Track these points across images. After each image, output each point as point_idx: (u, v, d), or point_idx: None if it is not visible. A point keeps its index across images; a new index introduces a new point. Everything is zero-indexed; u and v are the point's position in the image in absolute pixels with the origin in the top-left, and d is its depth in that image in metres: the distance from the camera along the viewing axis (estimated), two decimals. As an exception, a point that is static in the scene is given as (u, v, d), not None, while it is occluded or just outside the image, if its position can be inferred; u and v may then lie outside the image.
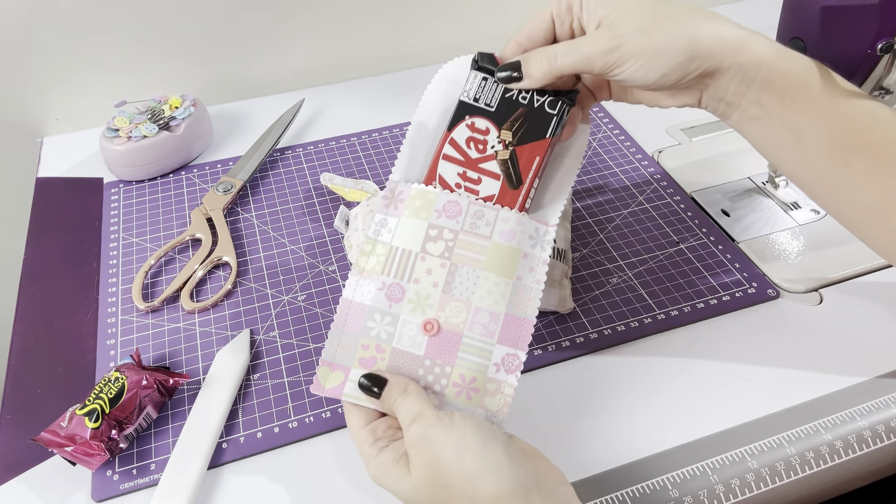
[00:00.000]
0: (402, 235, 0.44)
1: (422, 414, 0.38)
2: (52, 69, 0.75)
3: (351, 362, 0.42)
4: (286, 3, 0.79)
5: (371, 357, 0.42)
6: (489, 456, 0.36)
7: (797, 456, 0.46)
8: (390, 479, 0.38)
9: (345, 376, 0.42)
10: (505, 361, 0.42)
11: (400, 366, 0.42)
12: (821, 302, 0.56)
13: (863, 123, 0.40)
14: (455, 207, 0.44)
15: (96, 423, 0.45)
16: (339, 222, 0.61)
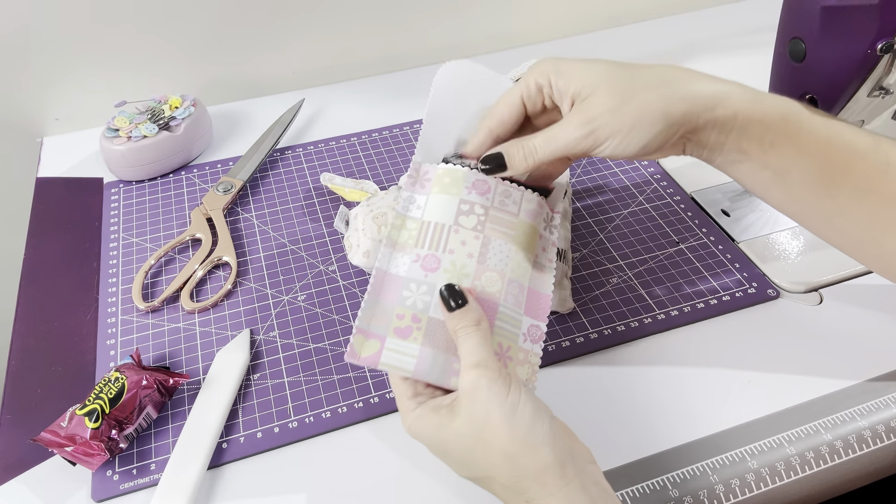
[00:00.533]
0: (433, 210, 0.44)
1: (486, 363, 0.38)
2: (52, 69, 0.75)
3: (387, 331, 0.42)
4: (286, 4, 0.79)
5: (407, 326, 0.42)
6: (537, 428, 0.37)
7: (797, 456, 0.46)
8: (429, 428, 0.39)
9: (381, 345, 0.41)
10: (530, 332, 0.43)
11: (436, 335, 0.42)
12: (821, 302, 0.56)
13: (843, 157, 0.41)
14: (484, 185, 0.45)
15: (96, 423, 0.45)
16: (339, 222, 0.61)
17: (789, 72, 0.53)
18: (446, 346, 0.41)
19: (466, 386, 0.38)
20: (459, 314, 0.40)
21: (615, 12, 0.94)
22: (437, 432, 0.39)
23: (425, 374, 0.41)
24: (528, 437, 0.37)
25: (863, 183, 0.41)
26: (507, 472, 0.37)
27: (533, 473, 0.36)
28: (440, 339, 0.41)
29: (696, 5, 0.96)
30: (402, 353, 0.41)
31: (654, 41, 0.89)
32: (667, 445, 0.47)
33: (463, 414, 0.38)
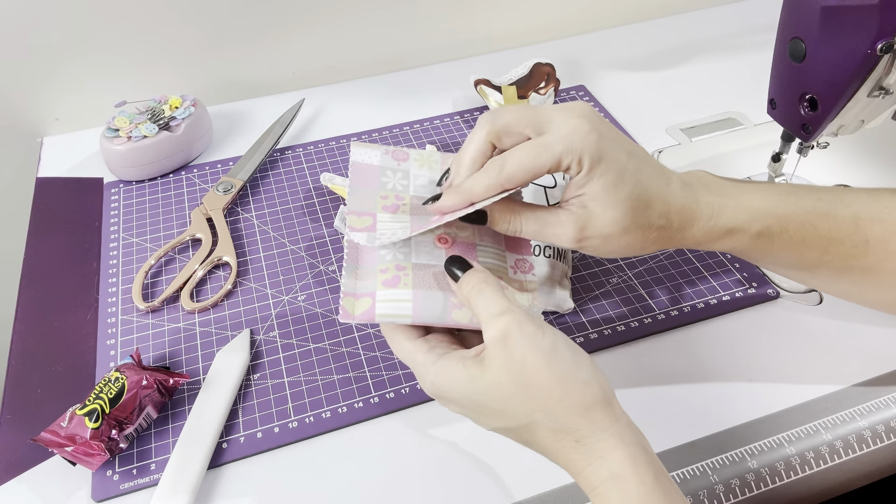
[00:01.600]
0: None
1: (510, 309, 0.37)
2: (52, 69, 0.75)
3: (375, 287, 0.41)
4: (286, 4, 0.79)
5: (394, 276, 0.41)
6: (581, 365, 0.36)
7: (797, 456, 0.46)
8: (457, 381, 0.37)
9: (372, 300, 0.41)
10: (518, 265, 0.43)
11: (424, 279, 0.41)
12: (821, 302, 0.56)
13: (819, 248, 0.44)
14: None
15: (96, 423, 0.45)
16: (339, 222, 0.61)
17: (789, 72, 0.53)
18: (438, 285, 0.41)
19: (496, 333, 0.36)
20: (466, 278, 0.39)
21: (615, 12, 0.94)
22: (468, 384, 0.37)
23: (425, 315, 0.40)
24: (573, 374, 0.36)
25: (841, 263, 0.44)
26: (554, 412, 0.36)
27: (583, 410, 0.35)
28: (430, 280, 0.41)
29: (696, 5, 0.96)
30: (397, 300, 0.40)
31: (654, 41, 0.89)
32: (666, 445, 0.47)
33: (496, 363, 0.36)
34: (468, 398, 0.37)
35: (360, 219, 0.42)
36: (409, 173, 0.45)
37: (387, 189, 0.44)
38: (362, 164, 0.45)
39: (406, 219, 0.42)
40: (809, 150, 0.58)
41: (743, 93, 0.78)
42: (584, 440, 0.35)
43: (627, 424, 0.36)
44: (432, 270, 0.41)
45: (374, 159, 0.45)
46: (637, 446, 0.35)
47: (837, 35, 0.48)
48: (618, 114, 0.77)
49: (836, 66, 0.49)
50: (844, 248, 0.43)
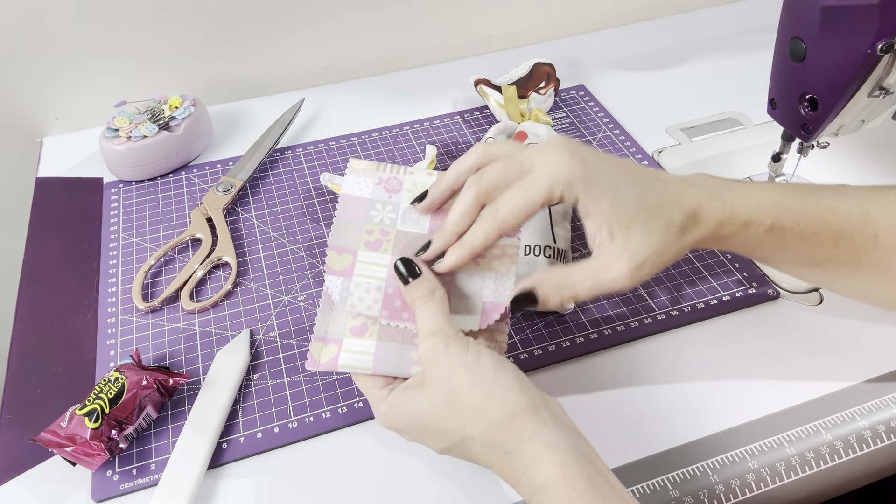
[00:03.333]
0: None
1: (443, 330, 0.39)
2: (52, 69, 0.75)
3: (343, 333, 0.43)
4: (286, 4, 0.79)
5: (362, 325, 0.43)
6: (501, 376, 0.37)
7: (797, 456, 0.46)
8: (400, 407, 0.40)
9: (338, 349, 0.43)
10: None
11: (389, 332, 0.43)
12: (821, 302, 0.56)
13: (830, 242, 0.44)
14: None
15: (96, 423, 0.44)
16: None
17: (789, 72, 0.53)
18: (402, 339, 0.42)
19: (426, 353, 0.39)
20: (414, 285, 0.41)
21: (615, 12, 0.94)
22: (408, 407, 0.39)
23: (384, 367, 0.42)
24: (494, 387, 0.37)
25: (851, 258, 0.44)
26: (481, 426, 0.37)
27: (506, 421, 0.36)
28: (395, 334, 0.43)
29: (696, 5, 0.96)
30: (360, 352, 0.42)
31: (654, 41, 0.89)
32: (667, 445, 0.47)
33: (429, 382, 0.38)
34: (411, 422, 0.40)
35: (340, 257, 0.43)
36: (398, 207, 0.45)
37: (373, 223, 0.44)
38: (352, 196, 0.45)
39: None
40: (809, 150, 0.58)
41: (743, 93, 0.78)
42: (513, 451, 0.36)
43: (559, 429, 0.36)
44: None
45: (365, 191, 0.45)
46: (569, 451, 0.36)
47: (837, 35, 0.48)
48: (618, 114, 0.77)
49: (836, 66, 0.49)
50: (854, 242, 0.44)
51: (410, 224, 0.44)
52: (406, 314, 0.43)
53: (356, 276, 0.43)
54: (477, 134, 0.74)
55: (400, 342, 0.42)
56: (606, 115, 0.77)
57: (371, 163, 0.46)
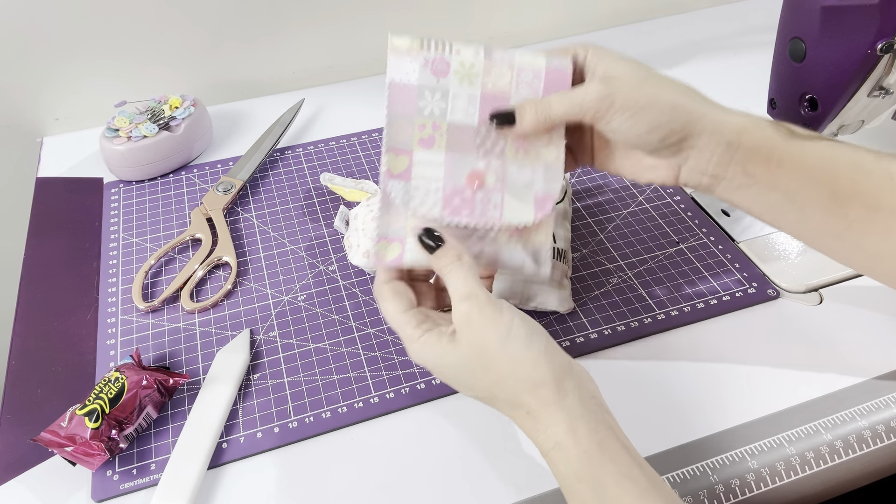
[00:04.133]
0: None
1: (475, 294, 0.40)
2: (52, 69, 0.75)
3: (405, 233, 0.44)
4: (286, 4, 0.79)
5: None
6: (533, 345, 0.39)
7: (797, 456, 0.46)
8: (433, 356, 0.41)
9: (402, 247, 0.44)
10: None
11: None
12: (821, 302, 0.56)
13: (849, 174, 0.42)
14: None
15: (96, 423, 0.44)
16: (339, 222, 0.61)
17: (789, 72, 0.53)
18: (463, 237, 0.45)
19: (460, 318, 0.40)
20: (440, 253, 0.42)
21: (615, 12, 0.94)
22: (441, 360, 0.41)
23: None
24: (525, 355, 0.39)
25: (871, 199, 0.42)
26: (507, 389, 0.39)
27: (530, 388, 0.39)
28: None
29: (696, 5, 0.96)
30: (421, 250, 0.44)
31: (654, 41, 0.89)
32: (666, 445, 0.47)
33: (462, 342, 0.40)
34: (442, 371, 0.42)
35: (397, 159, 0.44)
36: (448, 93, 0.45)
37: (424, 116, 0.45)
38: (400, 85, 0.44)
39: (441, 158, 0.45)
40: (809, 150, 0.58)
41: (743, 93, 0.78)
42: (534, 413, 0.39)
43: (578, 398, 0.39)
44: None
45: (412, 76, 0.44)
46: (584, 419, 0.38)
47: (837, 35, 0.48)
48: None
49: (836, 66, 0.49)
50: (872, 179, 0.42)
51: (461, 114, 0.45)
52: (466, 212, 0.44)
53: (414, 178, 0.44)
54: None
55: (461, 241, 0.44)
56: (606, 115, 0.77)
57: (413, 38, 0.44)
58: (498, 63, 0.45)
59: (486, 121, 0.45)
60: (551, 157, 0.45)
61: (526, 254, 0.46)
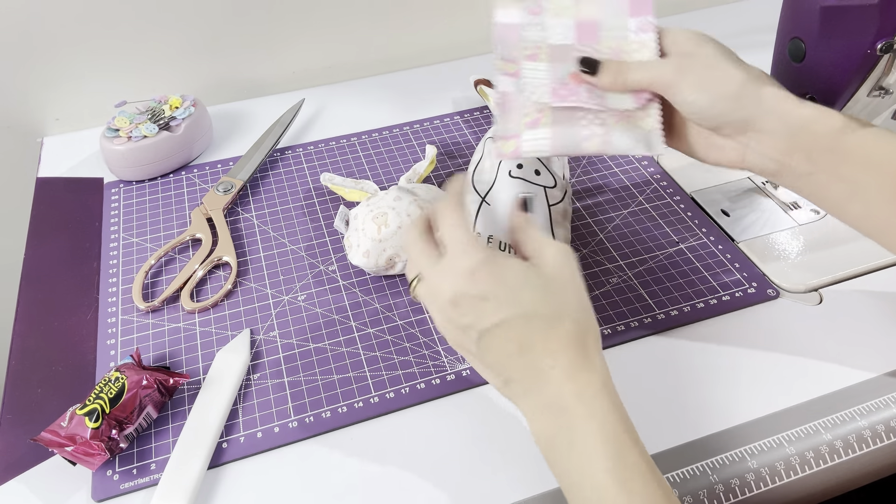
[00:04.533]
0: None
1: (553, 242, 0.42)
2: (52, 69, 0.75)
3: (520, 129, 0.49)
4: (286, 4, 0.79)
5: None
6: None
7: (797, 456, 0.46)
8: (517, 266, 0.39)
9: (517, 141, 0.49)
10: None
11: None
12: (821, 302, 0.56)
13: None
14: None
15: (96, 422, 0.45)
16: (339, 222, 0.61)
17: (789, 72, 0.53)
18: (571, 121, 0.48)
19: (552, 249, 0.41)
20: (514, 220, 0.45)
21: (615, 12, 0.94)
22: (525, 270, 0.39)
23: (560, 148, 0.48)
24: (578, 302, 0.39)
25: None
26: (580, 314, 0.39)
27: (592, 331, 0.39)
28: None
29: (697, 5, 0.96)
30: (537, 139, 0.48)
31: (654, 41, 0.89)
32: (666, 445, 0.47)
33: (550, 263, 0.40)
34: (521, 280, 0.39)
35: (506, 64, 0.51)
36: (544, 25, 0.52)
37: (527, 41, 0.52)
38: (504, 24, 0.53)
39: (545, 66, 0.50)
40: (809, 150, 0.58)
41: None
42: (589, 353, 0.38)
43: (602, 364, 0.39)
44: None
45: (514, 18, 0.53)
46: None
47: (837, 35, 0.48)
48: (618, 114, 0.77)
49: (835, 66, 0.49)
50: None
51: (559, 38, 0.51)
52: (572, 98, 0.49)
53: (523, 77, 0.50)
54: (477, 134, 0.74)
55: (570, 125, 0.48)
56: (606, 115, 0.77)
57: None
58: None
59: (581, 40, 0.50)
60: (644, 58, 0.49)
61: (636, 136, 0.49)
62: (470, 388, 0.51)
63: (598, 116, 0.49)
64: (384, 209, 0.56)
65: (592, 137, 0.48)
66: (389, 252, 0.56)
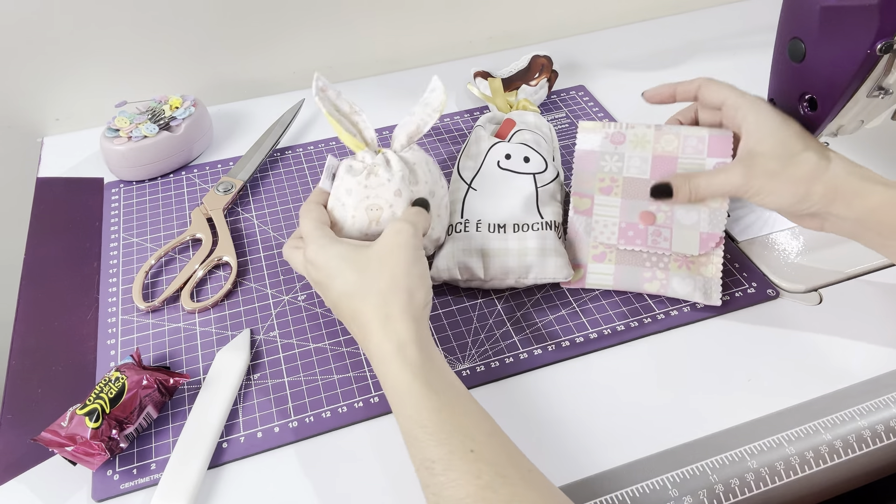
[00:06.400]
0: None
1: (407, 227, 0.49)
2: (53, 69, 0.75)
3: (587, 260, 0.56)
4: (286, 4, 0.79)
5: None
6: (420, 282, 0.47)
7: (797, 456, 0.46)
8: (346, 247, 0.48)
9: (584, 271, 0.56)
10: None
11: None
12: (820, 302, 0.56)
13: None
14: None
15: (97, 422, 0.45)
16: (325, 181, 0.54)
17: (789, 72, 0.53)
18: (634, 261, 0.55)
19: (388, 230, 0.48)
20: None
21: (615, 12, 0.94)
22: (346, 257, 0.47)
23: (622, 284, 0.55)
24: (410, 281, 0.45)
25: None
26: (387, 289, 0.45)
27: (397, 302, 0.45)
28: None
29: (696, 5, 0.96)
30: (602, 273, 0.55)
31: (654, 41, 0.89)
32: (666, 445, 0.47)
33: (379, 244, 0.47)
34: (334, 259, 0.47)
35: (581, 200, 0.56)
36: (623, 156, 0.55)
37: (604, 172, 0.55)
38: (585, 151, 0.56)
39: (618, 202, 0.55)
40: (809, 150, 0.58)
41: (743, 93, 0.78)
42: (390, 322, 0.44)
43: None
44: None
45: (595, 145, 0.56)
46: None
47: (837, 35, 0.48)
48: (618, 114, 0.77)
49: (835, 66, 0.49)
50: None
51: (635, 171, 0.55)
52: (639, 241, 0.54)
53: (595, 215, 0.55)
54: (477, 134, 0.74)
55: (633, 265, 0.55)
56: (606, 114, 0.77)
57: (597, 123, 0.57)
58: (666, 132, 0.55)
59: (657, 175, 0.54)
60: (716, 203, 0.53)
61: (695, 283, 0.54)
62: (470, 388, 0.51)
63: (661, 259, 0.54)
64: (381, 203, 0.51)
65: (653, 280, 0.54)
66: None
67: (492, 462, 0.38)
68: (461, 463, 0.38)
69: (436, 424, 0.40)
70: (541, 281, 0.55)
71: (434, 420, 0.40)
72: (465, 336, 0.54)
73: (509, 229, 0.55)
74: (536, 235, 0.55)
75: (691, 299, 0.54)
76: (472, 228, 0.55)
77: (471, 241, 0.55)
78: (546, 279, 0.55)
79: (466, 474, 0.38)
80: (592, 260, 0.55)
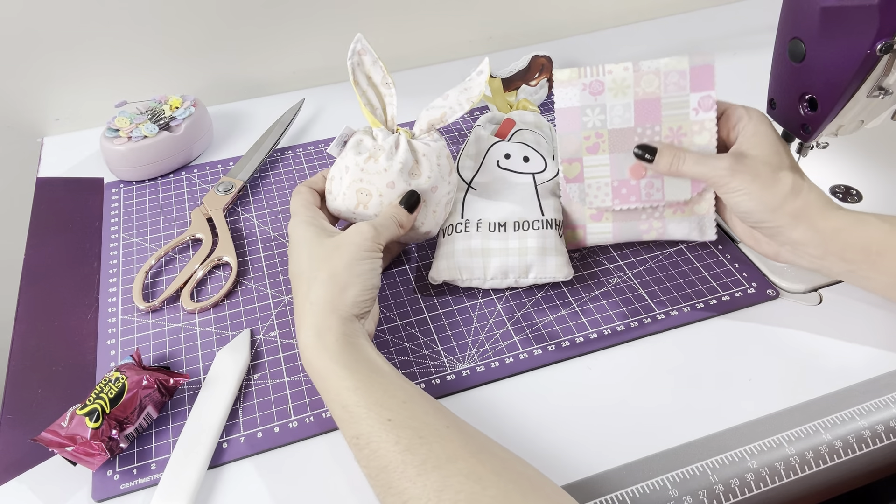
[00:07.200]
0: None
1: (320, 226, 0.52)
2: (53, 69, 0.75)
3: (585, 220, 0.57)
4: (286, 4, 0.79)
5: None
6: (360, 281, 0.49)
7: (797, 456, 0.46)
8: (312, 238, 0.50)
9: (584, 231, 0.57)
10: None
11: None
12: (820, 302, 0.56)
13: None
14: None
15: (97, 422, 0.45)
16: (335, 147, 0.54)
17: (789, 72, 0.53)
18: (630, 217, 0.56)
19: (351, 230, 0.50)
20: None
21: (615, 12, 0.94)
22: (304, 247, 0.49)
23: (621, 238, 0.57)
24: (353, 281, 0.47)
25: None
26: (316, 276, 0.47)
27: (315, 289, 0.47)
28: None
29: (696, 5, 0.96)
30: (601, 231, 0.57)
31: (654, 41, 0.89)
32: (666, 445, 0.47)
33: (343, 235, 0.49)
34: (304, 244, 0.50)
35: (570, 166, 0.55)
36: (605, 107, 0.53)
37: (587, 129, 0.54)
38: (565, 109, 0.54)
39: (606, 159, 0.54)
40: (809, 150, 0.58)
41: (742, 93, 0.78)
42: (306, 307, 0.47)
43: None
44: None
45: (574, 100, 0.54)
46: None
47: (837, 35, 0.48)
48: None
49: (835, 66, 0.49)
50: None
51: (619, 121, 0.54)
52: (633, 198, 0.55)
53: (587, 179, 0.55)
54: (477, 134, 0.74)
55: (629, 220, 0.56)
56: (606, 115, 0.77)
57: (572, 70, 0.54)
58: (645, 72, 0.53)
59: (641, 121, 0.53)
60: (703, 142, 0.53)
61: (690, 223, 0.56)
62: (470, 389, 0.51)
63: (656, 210, 0.55)
64: (372, 190, 0.52)
65: (651, 231, 0.56)
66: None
67: (408, 426, 0.40)
68: (380, 433, 0.40)
69: (354, 402, 0.42)
70: (541, 280, 0.55)
71: (352, 399, 0.42)
72: (465, 336, 0.54)
73: (510, 228, 0.55)
74: (537, 234, 0.55)
75: (688, 239, 0.56)
76: (473, 228, 0.55)
77: (471, 240, 0.55)
78: (546, 279, 0.55)
79: (386, 442, 0.40)
80: (590, 220, 0.56)
